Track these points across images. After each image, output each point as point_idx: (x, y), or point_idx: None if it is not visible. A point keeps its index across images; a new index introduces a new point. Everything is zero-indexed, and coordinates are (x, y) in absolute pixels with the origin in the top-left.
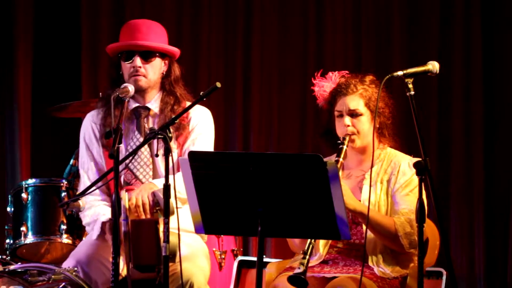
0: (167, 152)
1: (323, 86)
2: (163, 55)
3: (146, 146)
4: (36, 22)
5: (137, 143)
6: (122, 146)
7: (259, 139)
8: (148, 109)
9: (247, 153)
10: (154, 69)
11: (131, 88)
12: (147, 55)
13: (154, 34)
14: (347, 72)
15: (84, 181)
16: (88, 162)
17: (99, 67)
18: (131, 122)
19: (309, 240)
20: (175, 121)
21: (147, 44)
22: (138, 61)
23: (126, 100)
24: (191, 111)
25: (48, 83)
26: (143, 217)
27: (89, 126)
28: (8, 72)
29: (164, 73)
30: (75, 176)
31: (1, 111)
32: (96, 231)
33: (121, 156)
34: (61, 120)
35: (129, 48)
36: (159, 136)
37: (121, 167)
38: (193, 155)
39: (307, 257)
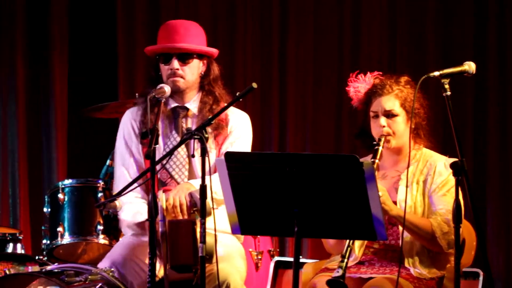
0: (204, 152)
1: (358, 87)
2: (201, 55)
3: (183, 146)
4: (71, 23)
5: (175, 143)
6: (160, 145)
7: (295, 139)
8: (187, 109)
9: (283, 153)
10: (192, 70)
11: (167, 89)
12: (185, 57)
13: (192, 35)
14: (380, 73)
15: (123, 178)
16: (127, 158)
17: (136, 67)
18: (169, 121)
19: (347, 243)
20: (212, 121)
21: (184, 46)
22: (175, 63)
23: (162, 101)
24: (230, 114)
25: (84, 83)
26: (181, 217)
27: (129, 123)
28: (44, 73)
29: (203, 73)
30: (111, 176)
31: (37, 112)
32: (131, 231)
33: (159, 156)
34: (97, 120)
35: (166, 50)
36: (196, 136)
37: (158, 166)
38: (229, 156)
39: (346, 260)
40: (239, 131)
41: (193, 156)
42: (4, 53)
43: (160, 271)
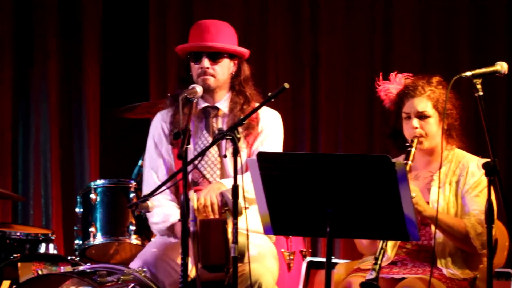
0: (236, 153)
1: (389, 88)
2: (232, 55)
3: (214, 146)
4: (104, 24)
5: (206, 143)
6: (190, 145)
7: (327, 139)
8: (217, 108)
9: (315, 154)
10: (223, 70)
11: (199, 89)
12: (215, 56)
13: (223, 35)
14: (411, 74)
15: (153, 180)
16: (158, 161)
17: (167, 67)
18: (200, 121)
19: (380, 245)
20: (244, 122)
21: (214, 45)
22: (206, 62)
23: (194, 101)
24: (261, 113)
25: (116, 84)
26: (212, 217)
27: (159, 125)
28: (77, 74)
29: (234, 73)
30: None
31: (69, 112)
32: (164, 232)
33: (190, 156)
34: (129, 121)
35: (197, 49)
36: (228, 137)
37: (189, 166)
38: (261, 156)
39: (379, 262)
40: (270, 130)
41: (225, 156)
42: (37, 54)
43: (192, 271)
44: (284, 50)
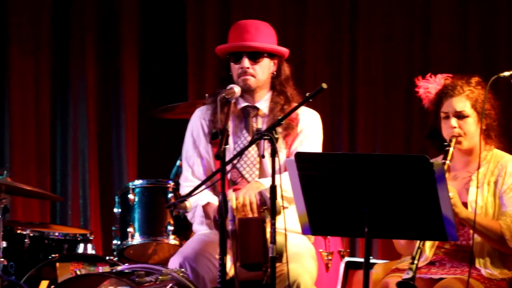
0: (274, 153)
1: (428, 87)
2: (272, 55)
3: (253, 145)
4: (142, 24)
5: (245, 142)
6: (230, 145)
7: (365, 140)
8: (257, 108)
9: (353, 154)
10: (263, 69)
11: (237, 89)
12: (255, 55)
13: (262, 35)
14: (450, 75)
15: (188, 176)
16: (195, 158)
17: (205, 68)
18: (240, 121)
19: (417, 245)
20: (282, 122)
21: (254, 45)
22: (246, 62)
23: (232, 101)
24: (300, 113)
25: (154, 84)
26: (250, 216)
27: (198, 122)
28: (115, 74)
29: (274, 73)
30: None
31: (108, 112)
32: (197, 218)
33: (229, 155)
34: (167, 121)
35: (237, 49)
36: (266, 137)
37: (228, 166)
38: (299, 156)
39: (416, 262)
40: (309, 130)
41: (263, 156)
42: (75, 54)
43: (231, 269)
44: (322, 51)
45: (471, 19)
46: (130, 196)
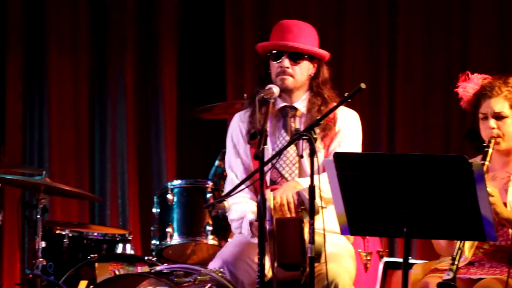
0: (312, 153)
1: (466, 87)
2: (312, 57)
3: (293, 145)
4: (180, 24)
5: (284, 142)
6: (268, 145)
7: (404, 140)
8: (295, 108)
9: (392, 154)
10: (302, 71)
11: (275, 90)
12: (296, 56)
13: (304, 36)
14: (488, 76)
15: (232, 180)
16: (236, 161)
17: (244, 68)
18: (278, 121)
19: (457, 245)
20: (320, 122)
21: (296, 45)
22: (286, 61)
23: (271, 101)
24: (338, 112)
25: (193, 84)
26: (288, 215)
27: (237, 126)
28: (153, 74)
29: (312, 75)
30: (220, 177)
31: (146, 113)
32: (244, 229)
33: (268, 155)
34: (206, 121)
35: (278, 48)
36: (304, 137)
37: (267, 166)
38: (338, 156)
39: (456, 262)
40: (347, 130)
41: (301, 156)
42: (113, 53)
43: (269, 271)
44: (361, 51)
45: (509, 20)
46: (169, 196)
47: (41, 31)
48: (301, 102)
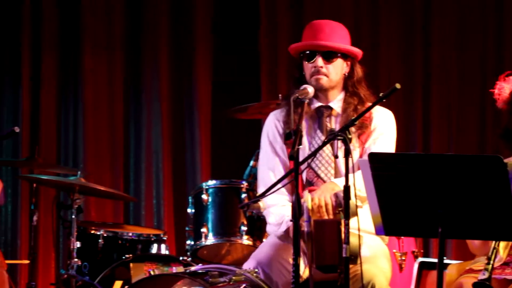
0: (347, 153)
1: (503, 88)
2: (345, 56)
3: (328, 145)
4: (215, 24)
5: (319, 142)
6: (305, 144)
7: (439, 140)
8: (331, 108)
9: (427, 154)
10: (336, 70)
11: (310, 90)
12: (329, 55)
13: (337, 35)
14: None
15: (268, 179)
16: (273, 160)
17: (278, 68)
18: (314, 120)
19: (492, 245)
20: (356, 122)
21: (329, 44)
22: (319, 61)
23: (306, 102)
24: (374, 112)
25: (227, 84)
26: (326, 217)
27: (273, 124)
28: (188, 74)
29: (347, 74)
30: (255, 177)
31: (181, 113)
32: (281, 232)
33: (303, 154)
34: (240, 121)
35: (311, 48)
36: (339, 137)
37: (303, 166)
38: (373, 156)
39: (491, 262)
40: (382, 128)
41: (336, 156)
42: (148, 54)
43: (304, 272)
44: (396, 50)
45: None
46: (204, 196)
47: (76, 32)
48: (336, 102)
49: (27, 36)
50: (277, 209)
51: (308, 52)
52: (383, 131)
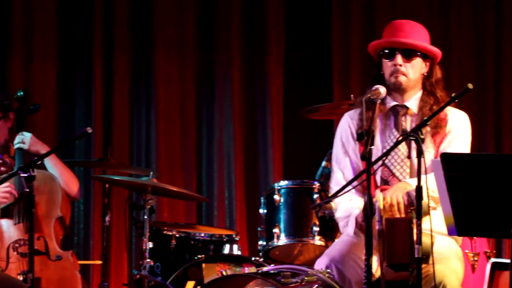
0: (419, 154)
1: None
2: (425, 56)
3: (404, 144)
4: (287, 25)
5: (394, 141)
6: (378, 143)
7: (511, 141)
8: (406, 107)
9: (500, 155)
10: (415, 69)
11: (382, 90)
12: (409, 53)
13: (417, 34)
14: None
15: (338, 180)
16: (344, 160)
17: (351, 69)
18: (389, 119)
19: None
20: (428, 123)
21: (409, 41)
22: (399, 59)
23: (378, 102)
24: (449, 114)
25: (299, 85)
26: (398, 216)
27: (346, 125)
28: (260, 75)
29: (426, 74)
30: (327, 178)
31: (253, 114)
32: (350, 226)
33: (377, 154)
34: (313, 122)
35: (391, 45)
36: (411, 138)
37: (377, 164)
38: (445, 157)
39: None
40: (457, 130)
41: (409, 157)
42: (220, 56)
43: (377, 271)
44: (468, 50)
45: None
46: (276, 197)
47: (148, 32)
48: (413, 101)
49: (100, 37)
50: (344, 204)
51: (387, 50)
52: (458, 134)
